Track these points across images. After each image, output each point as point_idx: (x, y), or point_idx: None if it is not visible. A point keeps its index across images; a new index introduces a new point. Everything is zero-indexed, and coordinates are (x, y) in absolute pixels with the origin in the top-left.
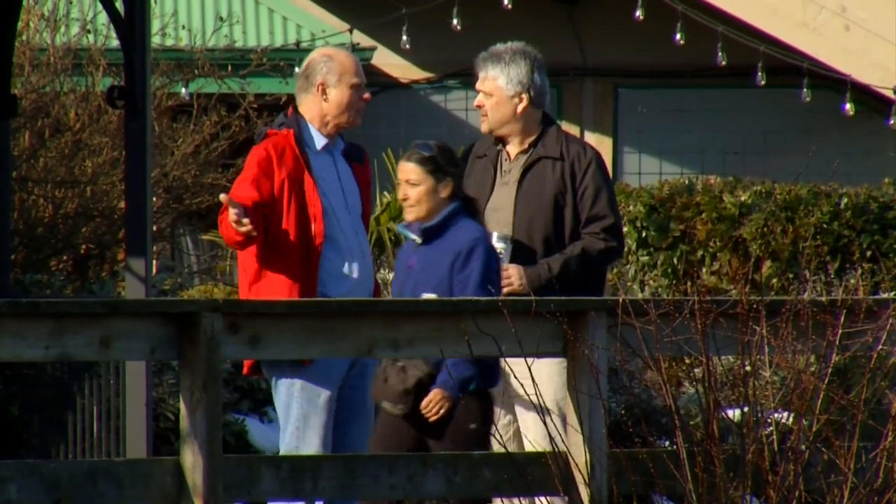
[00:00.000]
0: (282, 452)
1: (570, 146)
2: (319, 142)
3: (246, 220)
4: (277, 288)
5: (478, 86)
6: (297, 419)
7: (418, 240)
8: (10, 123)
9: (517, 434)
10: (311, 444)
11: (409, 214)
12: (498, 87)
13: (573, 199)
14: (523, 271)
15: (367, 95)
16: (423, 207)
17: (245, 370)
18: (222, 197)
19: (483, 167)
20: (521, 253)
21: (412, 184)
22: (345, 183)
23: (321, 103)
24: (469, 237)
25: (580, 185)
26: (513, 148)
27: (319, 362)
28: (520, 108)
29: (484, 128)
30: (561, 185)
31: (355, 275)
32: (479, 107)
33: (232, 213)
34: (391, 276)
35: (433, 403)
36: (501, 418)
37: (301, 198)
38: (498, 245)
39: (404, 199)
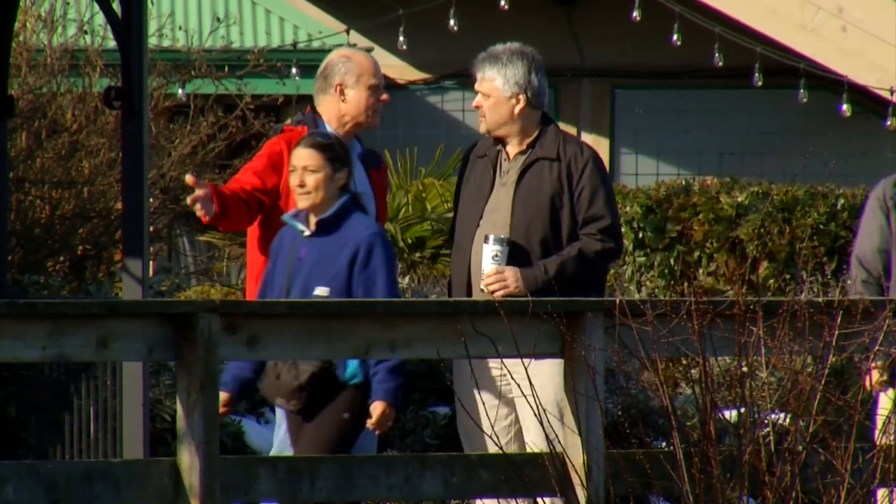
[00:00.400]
0: (273, 450)
1: (568, 146)
2: None
3: (198, 206)
4: None
5: (476, 87)
6: None
7: (307, 231)
8: (7, 124)
9: (518, 435)
10: None
11: (304, 202)
12: (495, 88)
13: (570, 200)
14: (520, 273)
15: (385, 96)
16: (320, 195)
17: None
18: (188, 178)
19: (483, 167)
20: (518, 255)
21: (311, 170)
22: (358, 185)
23: (339, 104)
24: (367, 232)
25: (577, 186)
26: (512, 148)
27: None
28: (517, 109)
29: (482, 128)
30: (558, 185)
31: None
32: (477, 107)
33: (194, 194)
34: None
35: (385, 418)
36: (503, 419)
37: None
38: (494, 247)
39: (300, 186)
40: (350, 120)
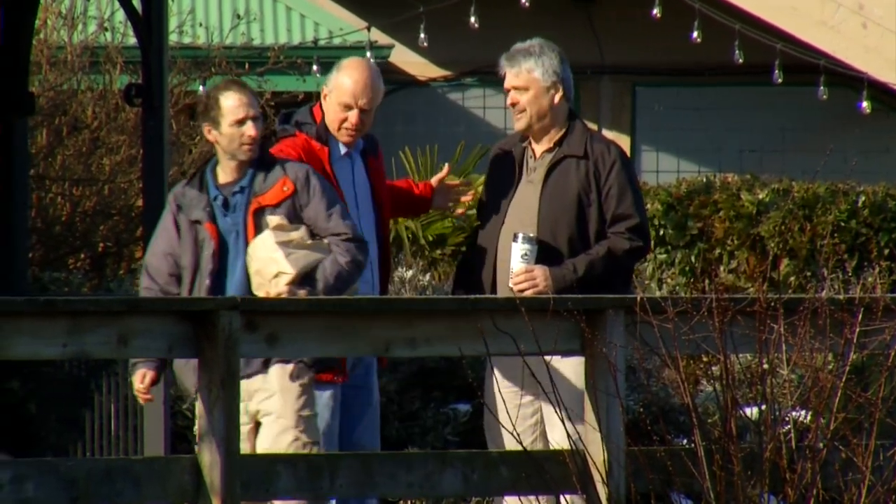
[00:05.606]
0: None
1: (595, 144)
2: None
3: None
4: None
5: (510, 82)
6: None
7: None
8: (27, 121)
9: (543, 435)
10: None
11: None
12: (535, 79)
13: (598, 198)
14: (549, 272)
15: (353, 119)
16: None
17: None
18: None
19: (508, 164)
20: (544, 253)
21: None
22: (357, 181)
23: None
24: None
25: (605, 185)
26: (538, 146)
27: (322, 360)
28: (556, 99)
29: (521, 125)
30: (585, 184)
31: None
32: (513, 104)
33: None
34: (408, 274)
35: None
36: (528, 418)
37: None
38: (523, 246)
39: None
40: (331, 127)
